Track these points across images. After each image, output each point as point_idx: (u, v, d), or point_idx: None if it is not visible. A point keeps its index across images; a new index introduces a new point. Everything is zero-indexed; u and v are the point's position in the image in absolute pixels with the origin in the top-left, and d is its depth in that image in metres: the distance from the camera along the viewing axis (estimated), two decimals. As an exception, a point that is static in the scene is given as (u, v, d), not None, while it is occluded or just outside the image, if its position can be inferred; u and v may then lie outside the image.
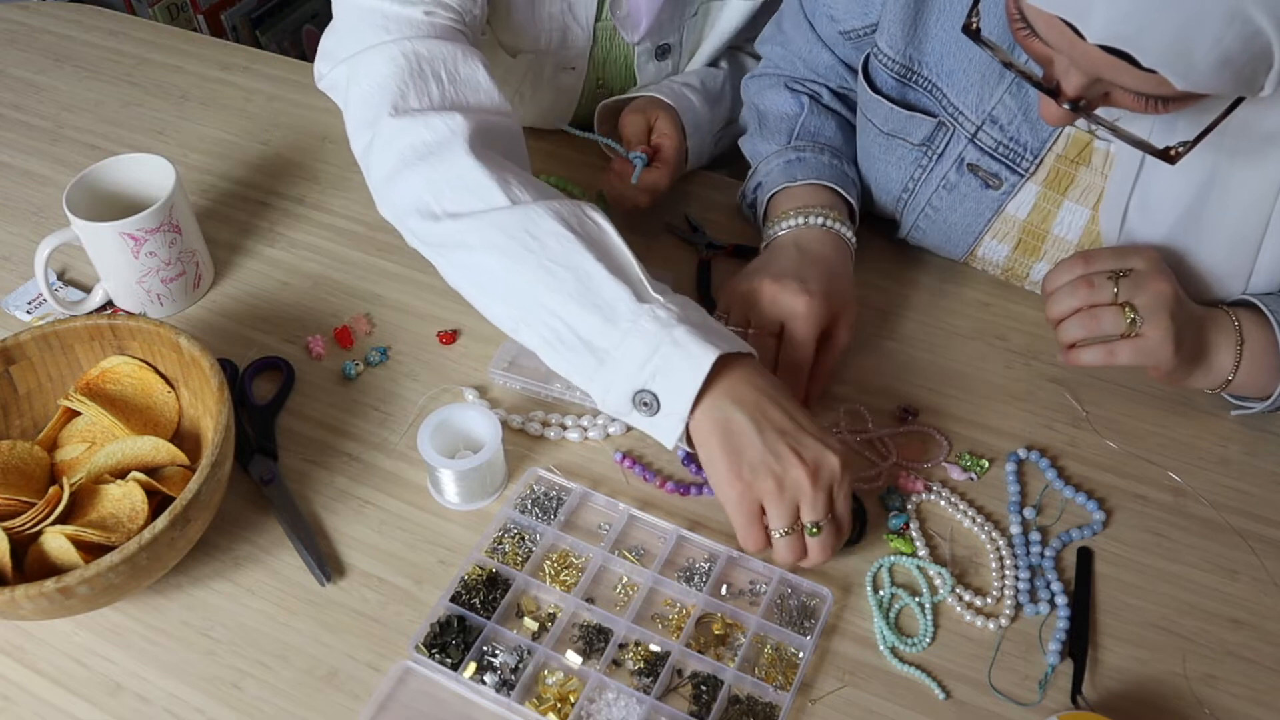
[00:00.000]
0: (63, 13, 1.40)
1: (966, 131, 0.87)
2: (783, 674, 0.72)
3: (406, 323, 0.97)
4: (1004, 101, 0.85)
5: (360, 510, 0.83)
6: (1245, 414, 0.85)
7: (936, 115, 0.89)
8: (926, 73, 0.88)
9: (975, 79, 0.85)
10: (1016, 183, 0.88)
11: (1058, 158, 0.86)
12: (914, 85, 0.89)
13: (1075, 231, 0.88)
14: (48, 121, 1.22)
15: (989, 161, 0.88)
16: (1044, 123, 0.81)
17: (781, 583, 0.77)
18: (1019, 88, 0.84)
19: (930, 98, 0.89)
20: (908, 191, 0.94)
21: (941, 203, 0.92)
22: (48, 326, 0.82)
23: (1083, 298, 0.79)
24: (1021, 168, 0.87)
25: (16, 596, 0.66)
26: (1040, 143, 0.85)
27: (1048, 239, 0.90)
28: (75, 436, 0.83)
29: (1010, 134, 0.86)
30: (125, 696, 0.72)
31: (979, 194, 0.90)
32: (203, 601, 0.77)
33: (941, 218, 0.93)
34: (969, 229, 0.92)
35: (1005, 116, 0.85)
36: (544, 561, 0.79)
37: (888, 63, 0.89)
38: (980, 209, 0.91)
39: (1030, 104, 0.84)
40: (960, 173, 0.90)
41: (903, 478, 0.83)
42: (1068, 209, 0.87)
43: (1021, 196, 0.89)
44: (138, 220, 0.90)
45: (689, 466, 0.85)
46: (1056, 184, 0.87)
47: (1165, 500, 0.83)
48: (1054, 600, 0.76)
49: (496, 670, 0.72)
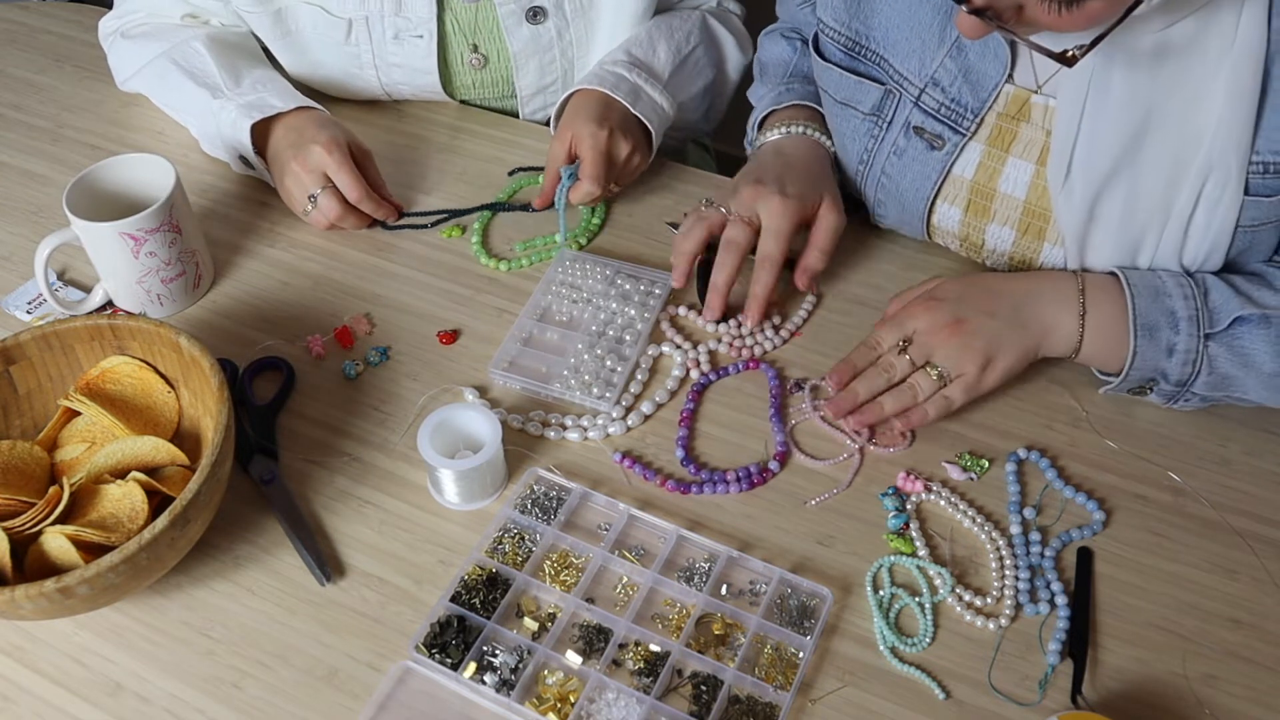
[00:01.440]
0: (63, 13, 1.40)
1: (911, 96, 0.91)
2: (783, 674, 0.72)
3: (406, 323, 0.97)
4: (944, 64, 0.88)
5: (360, 510, 0.83)
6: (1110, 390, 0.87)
7: (884, 83, 0.93)
8: (873, 45, 0.93)
9: (917, 45, 0.90)
10: (959, 142, 0.90)
11: (999, 116, 0.89)
12: (861, 58, 0.94)
13: (1021, 187, 0.90)
14: (48, 121, 1.22)
15: (933, 123, 0.91)
16: (982, 83, 0.87)
17: (781, 583, 0.77)
18: (958, 51, 0.88)
19: (877, 68, 0.93)
20: (864, 163, 0.98)
21: (894, 169, 0.95)
22: (48, 326, 0.82)
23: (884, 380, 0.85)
24: (963, 127, 0.90)
25: (16, 596, 0.66)
26: (980, 102, 0.88)
27: (996, 197, 0.92)
28: (75, 436, 0.83)
29: (951, 95, 0.89)
30: (125, 696, 0.72)
31: (925, 156, 0.93)
32: (203, 601, 0.77)
33: (894, 185, 0.96)
34: (919, 193, 0.95)
35: (946, 79, 0.89)
36: (544, 561, 0.79)
37: (834, 35, 0.96)
38: (928, 170, 0.93)
39: (970, 65, 0.88)
40: (908, 136, 0.93)
41: (903, 478, 0.83)
42: (1012, 165, 0.90)
43: (966, 156, 0.91)
44: (138, 220, 0.90)
45: (688, 467, 0.85)
46: (999, 141, 0.89)
47: (1165, 500, 0.83)
48: (1054, 600, 0.76)
49: (496, 670, 0.72)
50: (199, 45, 1.11)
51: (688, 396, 0.90)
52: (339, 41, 1.12)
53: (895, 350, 0.85)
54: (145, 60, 1.14)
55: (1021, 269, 0.95)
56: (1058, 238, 0.90)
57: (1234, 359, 0.81)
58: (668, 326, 0.96)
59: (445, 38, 1.13)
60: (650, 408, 0.89)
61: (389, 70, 1.15)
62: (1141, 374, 0.83)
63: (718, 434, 0.88)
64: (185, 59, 1.11)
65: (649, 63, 1.10)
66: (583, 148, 1.01)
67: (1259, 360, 0.80)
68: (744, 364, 0.92)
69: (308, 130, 1.03)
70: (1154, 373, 0.83)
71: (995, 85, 0.87)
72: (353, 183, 1.01)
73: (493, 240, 1.06)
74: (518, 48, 1.14)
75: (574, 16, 1.13)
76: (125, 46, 1.18)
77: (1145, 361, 0.82)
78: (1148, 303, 0.81)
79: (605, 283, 0.98)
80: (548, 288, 0.98)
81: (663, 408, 0.90)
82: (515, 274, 1.02)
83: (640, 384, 0.91)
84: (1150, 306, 0.81)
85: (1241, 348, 0.80)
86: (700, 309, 0.96)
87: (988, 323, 0.84)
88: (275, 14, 1.11)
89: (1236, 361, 0.81)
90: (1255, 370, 0.81)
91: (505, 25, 1.12)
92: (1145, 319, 0.81)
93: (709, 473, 0.84)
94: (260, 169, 1.07)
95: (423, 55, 1.13)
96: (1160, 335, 0.81)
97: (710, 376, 0.92)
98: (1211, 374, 0.81)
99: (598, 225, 1.06)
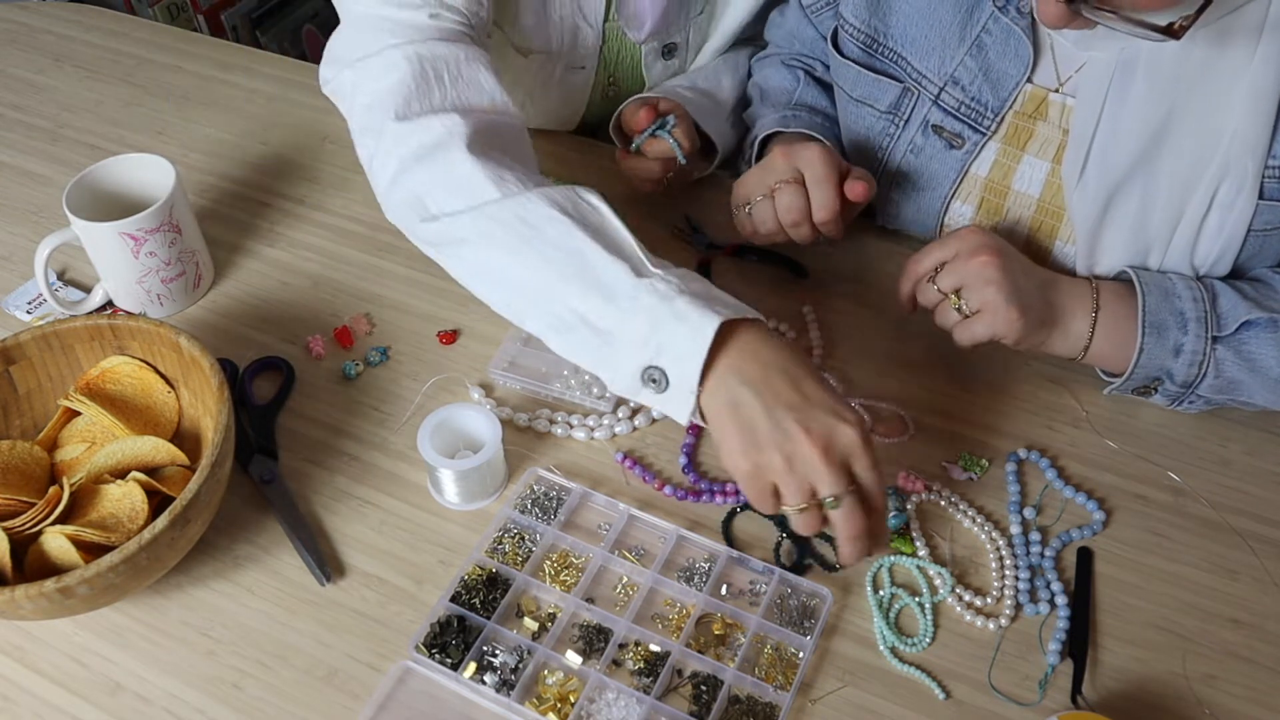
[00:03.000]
0: (63, 13, 1.40)
1: (930, 94, 0.91)
2: (783, 674, 0.72)
3: (406, 323, 0.97)
4: (965, 63, 0.88)
5: (360, 510, 0.83)
6: (1114, 390, 0.86)
7: (902, 81, 0.92)
8: (891, 43, 0.93)
9: (936, 43, 0.89)
10: (980, 141, 0.90)
11: (1016, 114, 0.89)
12: (879, 55, 0.93)
13: (1036, 185, 0.90)
14: (48, 121, 1.22)
15: (952, 122, 0.91)
16: (1003, 82, 0.87)
17: (781, 583, 0.77)
18: (978, 49, 0.88)
19: (895, 66, 0.93)
20: (878, 161, 0.97)
21: (910, 168, 0.95)
22: (48, 326, 0.82)
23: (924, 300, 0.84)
24: (983, 126, 0.90)
25: (16, 596, 0.66)
26: (1001, 101, 0.88)
27: (1009, 195, 0.92)
28: (75, 436, 0.83)
29: (971, 94, 0.89)
30: (125, 696, 0.72)
31: (944, 155, 0.93)
32: (203, 601, 0.77)
33: (911, 185, 0.96)
34: (937, 192, 0.95)
35: (966, 77, 0.89)
36: (544, 561, 0.79)
37: (854, 32, 0.95)
38: (946, 170, 0.93)
39: (990, 64, 0.88)
40: (926, 135, 0.93)
41: (903, 478, 0.83)
42: (1027, 163, 0.90)
43: (984, 155, 0.91)
44: (138, 220, 0.90)
45: (689, 474, 0.85)
46: (1015, 140, 0.89)
47: (1165, 500, 0.83)
48: (1054, 600, 0.76)
49: (496, 670, 0.72)
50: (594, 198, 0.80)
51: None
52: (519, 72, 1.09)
53: (927, 279, 0.83)
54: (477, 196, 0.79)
55: None
56: (1070, 236, 0.90)
57: (1241, 363, 0.81)
58: None
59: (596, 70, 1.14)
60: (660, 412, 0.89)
61: (543, 101, 1.13)
62: (1147, 373, 0.82)
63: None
64: (577, 210, 0.78)
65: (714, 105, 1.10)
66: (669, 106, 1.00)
67: (1265, 364, 0.80)
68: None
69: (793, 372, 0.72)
70: (1160, 372, 0.82)
71: (1016, 84, 0.87)
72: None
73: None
74: (652, 80, 1.14)
75: (692, 51, 1.14)
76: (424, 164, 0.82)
77: (1151, 360, 0.81)
78: (1158, 300, 0.81)
79: (606, 283, 0.98)
80: (548, 288, 0.98)
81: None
82: (515, 274, 1.02)
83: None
84: (1160, 305, 0.81)
85: (1249, 352, 0.80)
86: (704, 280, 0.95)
87: (1021, 280, 0.81)
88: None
89: (1243, 366, 0.81)
90: (1262, 375, 0.81)
91: (645, 61, 1.12)
92: (1154, 317, 0.81)
93: (708, 483, 0.84)
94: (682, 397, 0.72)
95: (580, 88, 1.13)
96: (1168, 334, 0.81)
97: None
98: (1218, 377, 0.81)
99: None
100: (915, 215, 0.98)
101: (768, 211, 0.90)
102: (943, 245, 0.82)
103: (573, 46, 1.08)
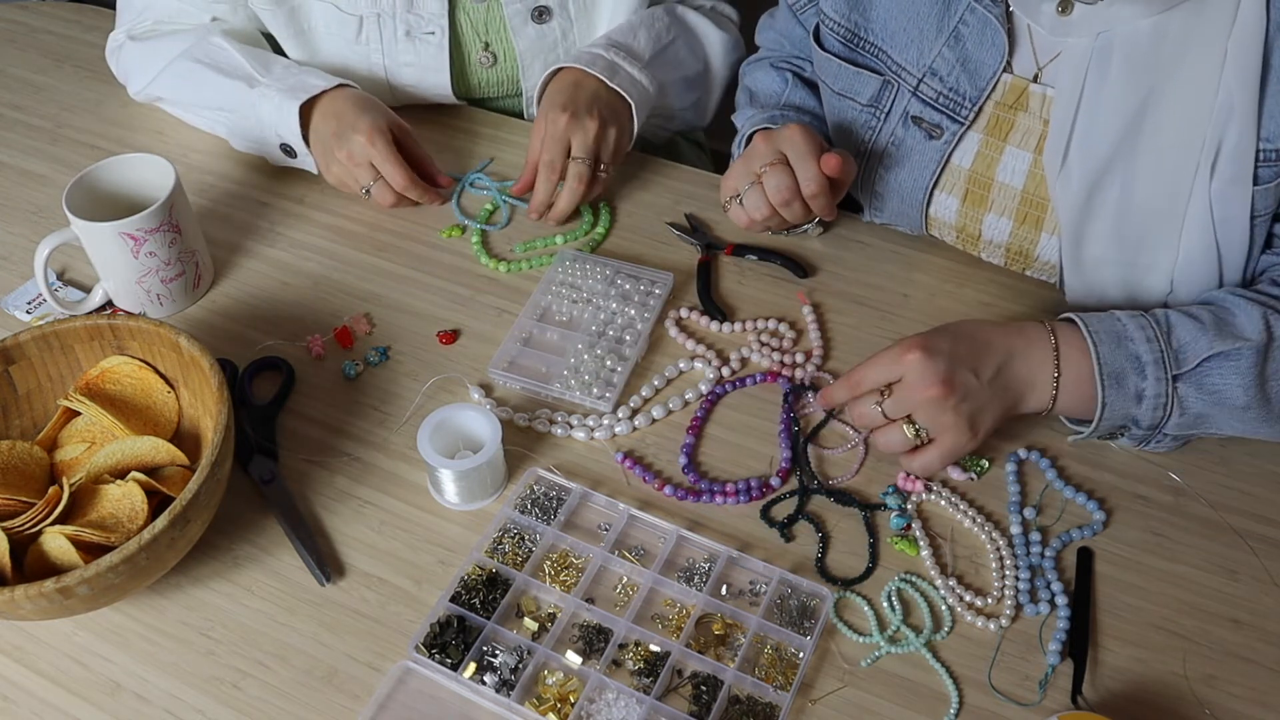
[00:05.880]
0: (63, 13, 1.40)
1: (909, 86, 0.92)
2: (783, 674, 0.72)
3: (406, 323, 0.97)
4: (942, 54, 0.89)
5: (360, 510, 0.83)
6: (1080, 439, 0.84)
7: (882, 74, 0.93)
8: (871, 36, 0.94)
9: (915, 35, 0.90)
10: (958, 131, 0.91)
11: (996, 105, 0.89)
12: (859, 49, 0.95)
13: (1019, 176, 0.90)
14: (48, 121, 1.22)
15: (930, 112, 0.92)
16: (980, 72, 0.88)
17: (781, 583, 0.77)
18: (956, 40, 0.89)
19: (875, 59, 0.94)
20: (862, 154, 0.98)
21: (892, 161, 0.96)
22: (48, 326, 0.82)
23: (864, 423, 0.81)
24: (961, 116, 0.90)
25: (16, 596, 0.66)
26: (978, 91, 0.89)
27: (993, 186, 0.92)
28: (75, 436, 0.83)
29: (949, 84, 0.90)
30: (125, 696, 0.72)
31: (924, 146, 0.93)
32: (203, 601, 0.77)
33: (894, 177, 0.97)
34: (918, 183, 0.95)
35: (944, 68, 0.90)
36: (544, 562, 0.79)
37: (834, 26, 0.96)
38: (926, 160, 0.94)
39: (968, 54, 0.88)
40: (906, 126, 0.94)
41: (903, 478, 0.83)
42: (1010, 154, 0.90)
43: (965, 145, 0.92)
44: (138, 220, 0.90)
45: (689, 474, 0.85)
46: (997, 131, 0.90)
47: (1165, 500, 0.83)
48: (1054, 600, 0.76)
49: (496, 670, 0.72)
50: (220, 40, 1.10)
51: (700, 405, 0.89)
52: (349, 40, 1.12)
53: (873, 402, 0.80)
54: (163, 63, 1.13)
55: (1018, 260, 0.95)
56: (1055, 227, 0.89)
57: (1204, 397, 0.78)
58: (678, 332, 0.95)
59: (457, 36, 1.14)
60: (661, 412, 0.89)
61: (399, 70, 1.14)
62: (1112, 423, 0.80)
63: (724, 442, 0.88)
64: (208, 55, 1.10)
65: (628, 44, 1.10)
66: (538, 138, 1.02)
67: (1229, 395, 0.78)
68: (763, 375, 0.92)
69: (347, 115, 1.02)
70: (1125, 420, 0.80)
71: (993, 74, 0.88)
72: (397, 172, 1.02)
73: (493, 241, 1.06)
74: (524, 47, 1.14)
75: (577, 16, 1.14)
76: (137, 51, 1.16)
77: (1115, 411, 0.79)
78: (1111, 349, 0.78)
79: (605, 283, 0.98)
80: (547, 288, 0.98)
81: (674, 413, 0.89)
82: (515, 274, 1.02)
83: (654, 389, 0.91)
84: (1114, 353, 0.78)
85: (1210, 385, 0.78)
86: (701, 310, 0.96)
87: (973, 384, 0.78)
88: (290, 11, 1.11)
89: (1207, 400, 0.78)
90: (1227, 406, 0.78)
91: (512, 24, 1.12)
92: (1110, 366, 0.78)
93: (709, 483, 0.84)
94: (303, 155, 1.06)
95: (434, 54, 1.13)
96: (1128, 382, 0.78)
97: (726, 386, 0.91)
98: (1183, 415, 0.79)
99: (601, 234, 1.05)
100: (900, 207, 0.99)
101: (758, 197, 0.92)
102: (888, 365, 0.79)
103: (408, 8, 1.10)
